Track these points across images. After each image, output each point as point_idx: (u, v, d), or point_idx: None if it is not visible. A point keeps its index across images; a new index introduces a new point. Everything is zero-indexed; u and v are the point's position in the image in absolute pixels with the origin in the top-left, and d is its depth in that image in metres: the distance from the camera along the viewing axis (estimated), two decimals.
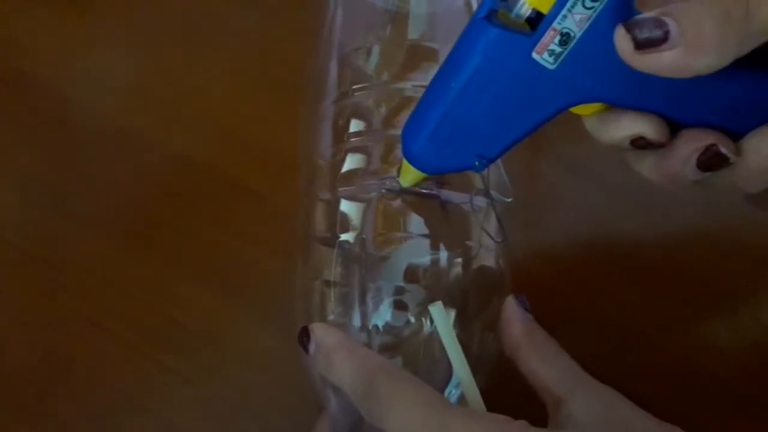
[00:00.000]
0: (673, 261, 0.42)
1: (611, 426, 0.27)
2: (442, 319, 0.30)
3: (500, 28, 0.24)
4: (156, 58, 0.51)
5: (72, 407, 0.39)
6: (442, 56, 0.35)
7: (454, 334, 0.30)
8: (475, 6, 0.36)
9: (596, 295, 0.41)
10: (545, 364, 0.29)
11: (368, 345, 0.32)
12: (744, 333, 0.41)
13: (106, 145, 0.47)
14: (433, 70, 0.29)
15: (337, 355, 0.29)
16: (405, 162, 0.29)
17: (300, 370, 0.32)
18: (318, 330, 0.31)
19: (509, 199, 0.32)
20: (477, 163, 0.27)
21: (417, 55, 0.35)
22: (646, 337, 0.40)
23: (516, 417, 0.27)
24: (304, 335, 0.31)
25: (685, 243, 0.43)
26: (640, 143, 0.26)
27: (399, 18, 0.36)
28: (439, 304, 0.30)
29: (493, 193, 0.30)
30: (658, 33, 0.22)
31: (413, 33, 0.36)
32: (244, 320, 0.41)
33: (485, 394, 0.33)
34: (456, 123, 0.26)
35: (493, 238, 0.31)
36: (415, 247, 0.33)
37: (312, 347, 0.30)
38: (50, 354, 0.41)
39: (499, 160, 0.29)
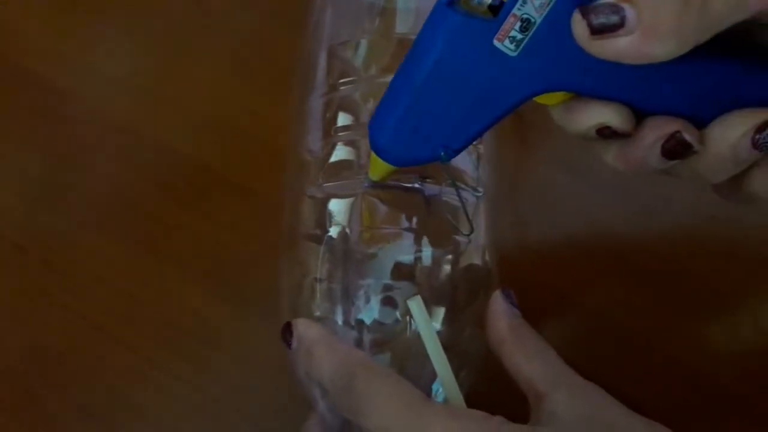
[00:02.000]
0: (667, 261, 0.42)
1: (593, 423, 0.27)
2: (420, 313, 0.29)
3: (462, 15, 0.24)
4: (154, 56, 0.51)
5: (68, 406, 0.40)
6: None
7: (433, 329, 0.30)
8: None
9: (589, 293, 0.41)
10: (529, 359, 0.29)
11: (359, 341, 0.32)
12: (741, 335, 0.40)
13: (105, 142, 0.47)
14: None
15: (317, 350, 0.29)
16: (373, 155, 0.28)
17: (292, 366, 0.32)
18: (300, 325, 0.31)
19: (479, 193, 0.31)
20: (443, 153, 0.27)
21: (405, 49, 0.35)
22: (640, 338, 0.40)
23: (502, 414, 0.27)
24: (287, 331, 0.31)
25: (679, 242, 0.42)
26: (605, 132, 0.26)
27: (387, 12, 0.36)
28: (417, 298, 0.30)
29: (459, 184, 0.30)
30: (614, 18, 0.22)
31: (401, 27, 0.36)
32: (239, 319, 0.41)
33: (473, 390, 0.32)
34: (421, 113, 0.26)
35: (461, 232, 0.31)
36: (403, 244, 0.33)
37: (294, 342, 0.30)
38: (46, 353, 0.41)
39: (477, 152, 0.29)
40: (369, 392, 0.27)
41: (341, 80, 0.35)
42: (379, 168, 0.29)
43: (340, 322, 0.32)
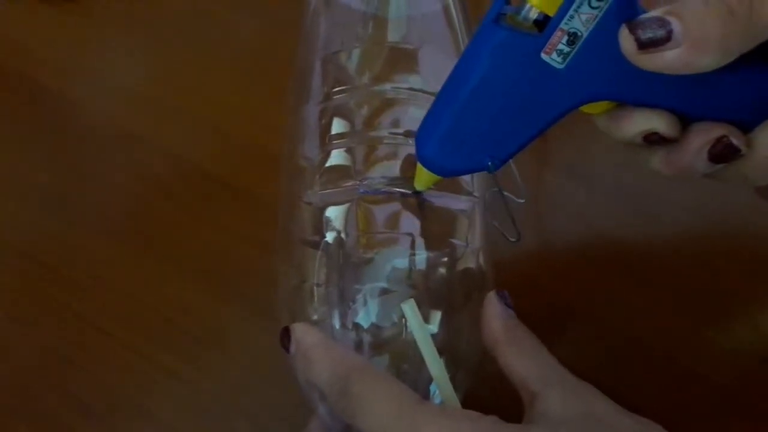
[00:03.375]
0: (668, 264, 0.42)
1: (586, 423, 0.27)
2: (414, 316, 0.30)
3: (508, 30, 0.25)
4: (156, 62, 0.52)
5: (70, 406, 0.40)
6: (422, 58, 0.36)
7: (427, 332, 0.30)
8: (453, 9, 0.36)
9: (591, 298, 0.41)
10: (523, 359, 0.29)
11: (357, 344, 0.33)
12: (739, 336, 0.40)
13: (106, 147, 0.48)
14: (413, 72, 0.29)
15: (314, 354, 0.30)
16: (419, 165, 0.29)
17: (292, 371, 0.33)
18: (298, 330, 0.31)
19: (521, 200, 0.32)
20: (490, 163, 0.27)
21: (397, 57, 0.36)
22: (638, 339, 0.40)
23: (497, 414, 0.27)
24: (285, 335, 0.31)
25: (676, 245, 0.42)
26: (653, 138, 0.26)
27: (379, 21, 0.37)
28: (411, 301, 0.30)
29: (506, 193, 0.30)
30: (661, 32, 0.22)
31: (393, 36, 0.36)
32: (239, 320, 0.42)
33: (469, 391, 0.33)
34: (468, 125, 0.27)
35: (508, 238, 0.31)
36: (399, 248, 0.33)
37: (292, 347, 0.31)
38: (48, 354, 0.41)
39: (511, 162, 0.29)
40: (365, 395, 0.27)
41: (335, 88, 0.36)
42: (424, 178, 0.29)
43: (337, 326, 0.32)
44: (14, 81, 0.51)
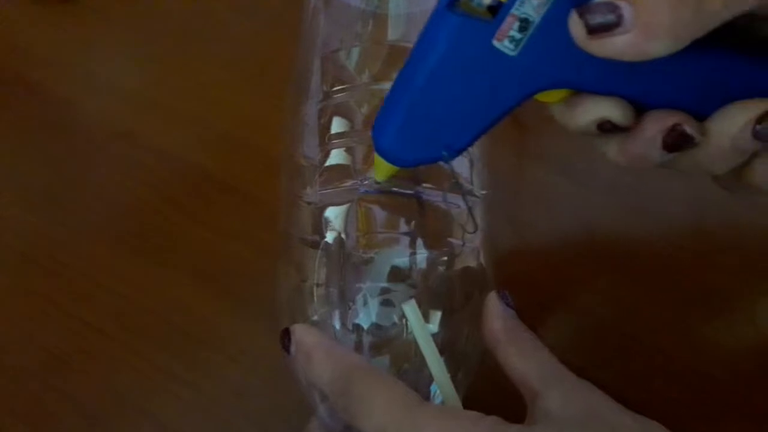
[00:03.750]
0: (663, 260, 0.42)
1: (588, 421, 0.27)
2: (415, 317, 0.30)
3: (461, 16, 0.25)
4: (155, 64, 0.52)
5: (69, 408, 0.40)
6: None
7: (428, 332, 0.30)
8: None
9: (584, 293, 0.41)
10: (524, 358, 0.29)
11: (358, 345, 0.33)
12: (738, 333, 0.40)
13: (105, 148, 0.48)
14: None
15: (315, 354, 0.30)
16: (376, 156, 0.29)
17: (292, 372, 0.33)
18: (298, 331, 0.31)
19: (483, 192, 0.32)
20: (445, 153, 0.27)
21: (397, 55, 0.36)
22: (636, 337, 0.40)
23: (498, 414, 0.27)
24: (286, 336, 0.31)
25: (674, 241, 0.42)
26: (606, 127, 0.26)
27: (379, 19, 0.36)
28: (412, 302, 0.30)
29: (464, 185, 0.30)
30: (611, 17, 0.22)
31: (393, 33, 0.36)
32: (239, 321, 0.42)
33: (470, 391, 0.33)
34: (422, 114, 0.27)
35: (465, 230, 0.31)
36: (399, 248, 0.33)
37: (292, 348, 0.31)
38: (48, 355, 0.41)
39: (478, 154, 0.29)
40: (365, 395, 0.27)
41: (335, 87, 0.36)
42: (383, 169, 0.29)
43: (337, 326, 0.32)
44: (12, 81, 0.51)
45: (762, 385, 0.38)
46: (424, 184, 0.33)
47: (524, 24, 0.24)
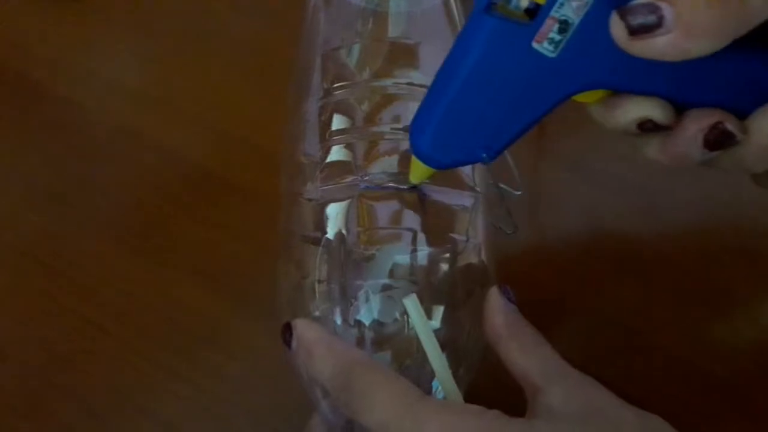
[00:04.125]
0: (670, 259, 0.42)
1: (589, 416, 0.27)
2: (416, 312, 0.30)
3: (499, 19, 0.25)
4: (157, 63, 0.52)
5: (71, 405, 0.40)
6: (422, 54, 0.36)
7: (429, 327, 0.30)
8: (453, 4, 0.36)
9: (587, 291, 0.41)
10: (525, 353, 0.29)
11: (360, 340, 0.33)
12: (741, 332, 0.40)
13: (106, 147, 0.48)
14: (413, 68, 0.29)
15: (316, 349, 0.30)
16: (414, 158, 0.29)
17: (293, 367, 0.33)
18: (299, 325, 0.31)
19: (518, 192, 0.32)
20: (484, 155, 0.27)
21: (397, 53, 0.36)
22: (639, 334, 0.40)
23: (499, 409, 0.27)
24: (287, 331, 0.31)
25: (677, 239, 0.42)
26: (647, 126, 0.26)
27: (379, 16, 0.36)
28: (413, 296, 0.30)
29: (502, 186, 0.30)
30: (652, 18, 0.22)
31: (394, 31, 0.36)
32: (240, 320, 0.42)
33: (472, 386, 0.33)
34: (461, 117, 0.27)
35: (505, 231, 0.31)
36: (401, 244, 0.33)
37: (294, 343, 0.31)
38: (49, 353, 0.41)
39: (507, 154, 0.29)
40: (367, 390, 0.27)
41: (335, 84, 0.36)
42: (419, 171, 0.29)
43: (339, 322, 0.32)
44: (14, 80, 0.51)
45: (764, 383, 0.38)
46: (426, 180, 0.33)
47: (564, 26, 0.24)
